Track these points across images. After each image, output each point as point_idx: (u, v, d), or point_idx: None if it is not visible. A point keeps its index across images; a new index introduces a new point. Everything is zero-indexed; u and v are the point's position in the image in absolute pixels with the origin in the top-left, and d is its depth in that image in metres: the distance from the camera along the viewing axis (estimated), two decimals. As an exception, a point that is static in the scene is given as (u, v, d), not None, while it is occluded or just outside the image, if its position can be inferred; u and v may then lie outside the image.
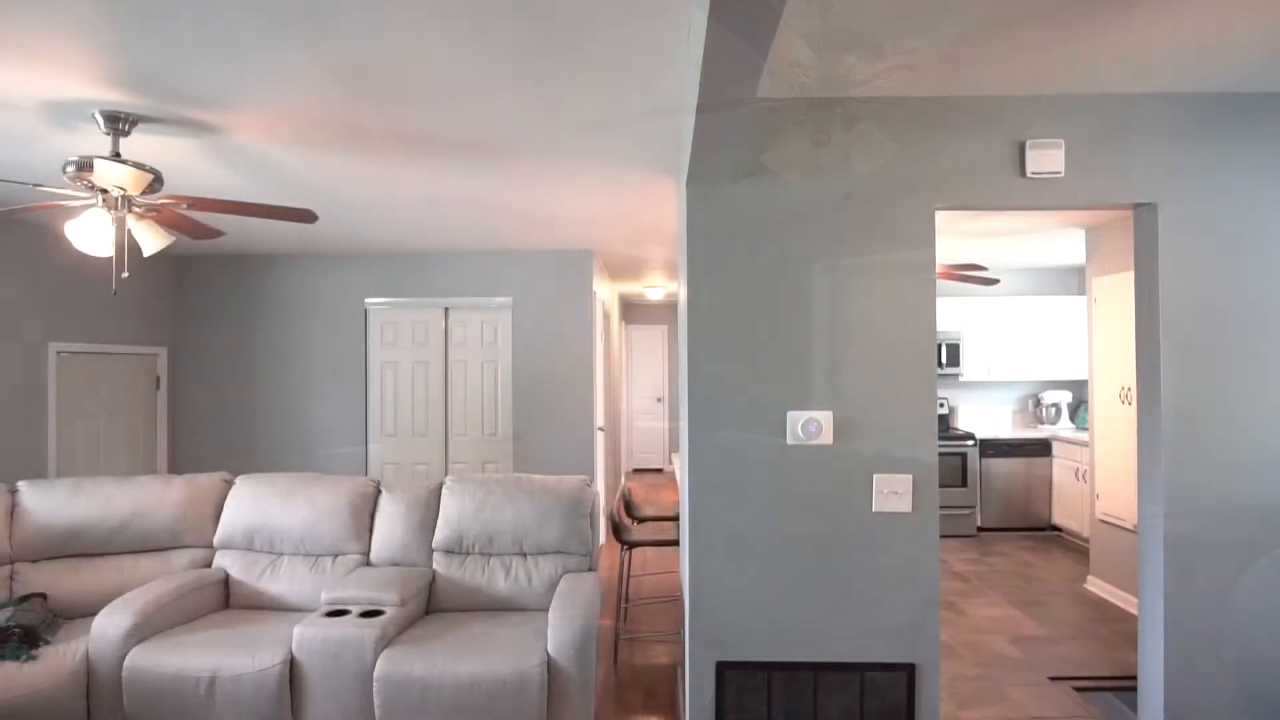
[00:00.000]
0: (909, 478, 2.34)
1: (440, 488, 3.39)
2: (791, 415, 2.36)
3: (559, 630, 2.65)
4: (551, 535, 3.22)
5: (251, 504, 3.31)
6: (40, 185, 2.44)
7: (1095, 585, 4.66)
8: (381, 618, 2.74)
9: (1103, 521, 4.64)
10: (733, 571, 2.39)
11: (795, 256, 2.38)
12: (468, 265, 5.51)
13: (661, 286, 8.07)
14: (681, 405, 2.87)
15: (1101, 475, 4.68)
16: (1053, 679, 3.31)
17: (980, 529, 6.24)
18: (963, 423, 6.76)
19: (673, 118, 2.65)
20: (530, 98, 2.45)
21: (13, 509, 3.14)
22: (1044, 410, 6.60)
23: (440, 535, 3.23)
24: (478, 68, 2.21)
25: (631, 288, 8.27)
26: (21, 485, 3.21)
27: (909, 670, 2.32)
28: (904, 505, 2.34)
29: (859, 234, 2.38)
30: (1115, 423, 4.52)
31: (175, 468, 5.55)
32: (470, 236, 4.95)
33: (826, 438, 2.35)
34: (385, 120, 2.67)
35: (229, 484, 3.46)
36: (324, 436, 5.56)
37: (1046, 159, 2.37)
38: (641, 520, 4.31)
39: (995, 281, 4.90)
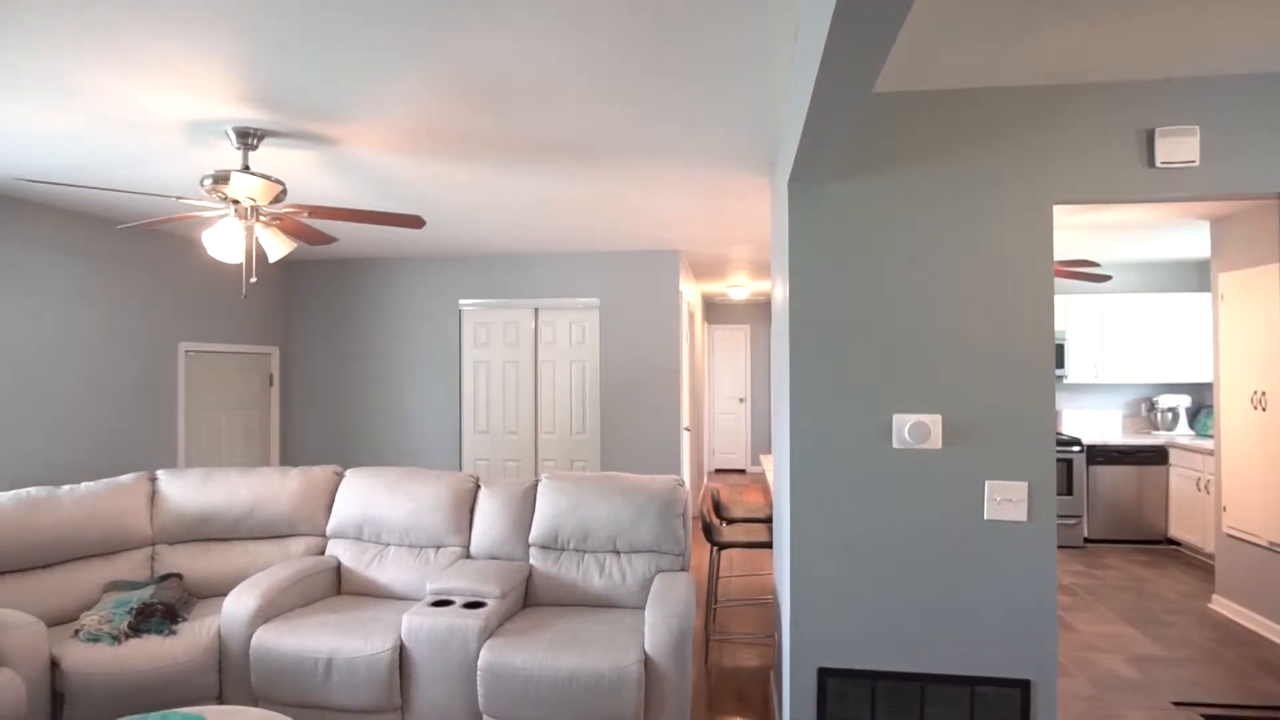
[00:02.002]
0: (1024, 485, 2.24)
1: (536, 485, 3.47)
2: (897, 418, 2.30)
3: (656, 629, 2.67)
4: (645, 534, 3.25)
5: (360, 496, 3.49)
6: (183, 198, 2.64)
7: (1222, 605, 4.33)
8: (484, 609, 2.83)
9: (1230, 536, 4.30)
10: (836, 577, 2.35)
11: (903, 254, 2.32)
12: (557, 267, 5.62)
13: (745, 286, 8.00)
14: (779, 407, 2.84)
15: (1229, 486, 4.33)
16: (1177, 704, 3.10)
17: (1087, 540, 5.89)
18: (1067, 427, 6.40)
19: (769, 116, 2.62)
20: (627, 101, 2.48)
21: (153, 495, 3.42)
22: (1159, 415, 6.17)
23: (536, 531, 3.32)
24: (579, 74, 2.25)
25: (715, 287, 8.23)
26: (160, 474, 3.49)
27: (1023, 686, 2.22)
28: (1018, 514, 2.23)
29: (971, 231, 2.29)
30: (1246, 429, 4.18)
31: (286, 460, 5.91)
32: (560, 238, 5.05)
33: (935, 442, 2.28)
34: (487, 127, 2.76)
35: (339, 476, 3.66)
36: (421, 432, 5.79)
37: (1179, 147, 2.22)
38: (730, 521, 4.28)
39: (1107, 278, 4.61)
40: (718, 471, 9.91)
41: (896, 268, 2.32)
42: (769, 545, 3.66)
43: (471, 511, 3.45)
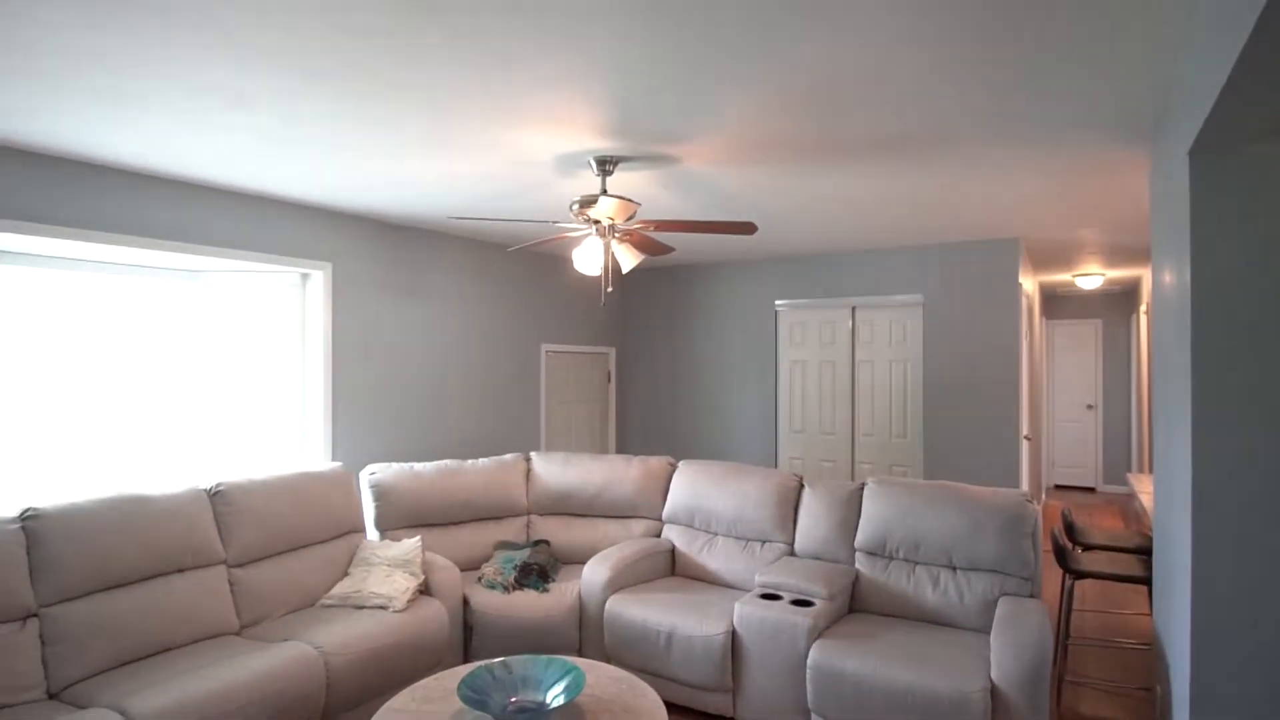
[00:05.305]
0: None
1: (861, 488, 3.40)
2: (1361, 440, 1.79)
3: (1004, 657, 2.44)
4: (986, 551, 2.98)
5: (691, 487, 3.76)
6: (557, 222, 3.11)
7: None
8: (812, 609, 2.86)
9: None
10: (1260, 634, 1.90)
11: (1370, 230, 1.80)
12: (875, 263, 5.42)
13: (1098, 274, 6.86)
14: (1168, 419, 2.39)
15: None
16: None
17: None
18: None
19: (1154, 73, 2.21)
20: (974, 80, 2.29)
21: (528, 472, 4.09)
22: None
23: (863, 536, 3.24)
24: (920, 60, 2.14)
25: (1058, 277, 7.21)
26: (533, 455, 4.16)
27: None
28: None
29: None
30: None
31: (620, 448, 6.61)
32: (879, 235, 4.86)
33: None
34: (816, 132, 2.76)
35: (673, 467, 3.99)
36: (738, 428, 6.04)
37: None
38: (1087, 548, 3.72)
39: None
40: (1058, 488, 8.66)
41: (1362, 246, 1.80)
42: (1143, 581, 3.12)
43: (795, 510, 3.50)
